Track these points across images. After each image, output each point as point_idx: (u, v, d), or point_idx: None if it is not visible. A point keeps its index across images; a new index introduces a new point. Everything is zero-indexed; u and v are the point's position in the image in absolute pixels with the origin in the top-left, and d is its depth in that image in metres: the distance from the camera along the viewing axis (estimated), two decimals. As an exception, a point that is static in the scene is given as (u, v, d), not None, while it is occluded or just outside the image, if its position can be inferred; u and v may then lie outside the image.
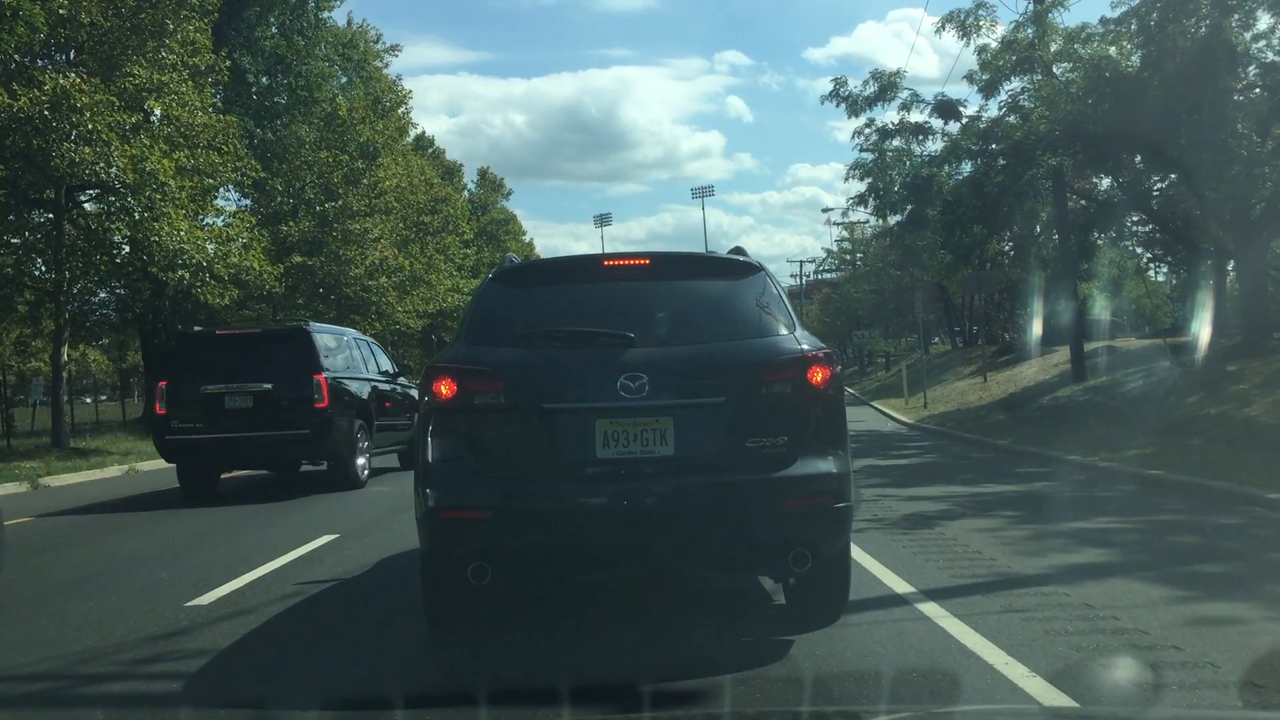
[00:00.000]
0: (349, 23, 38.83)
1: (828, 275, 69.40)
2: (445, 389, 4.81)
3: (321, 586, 6.84)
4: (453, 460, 4.81)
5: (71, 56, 22.70)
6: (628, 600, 6.05)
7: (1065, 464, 13.26)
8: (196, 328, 16.01)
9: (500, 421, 4.79)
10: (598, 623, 5.65)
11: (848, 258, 61.38)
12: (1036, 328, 28.69)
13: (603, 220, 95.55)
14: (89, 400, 63.70)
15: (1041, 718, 3.47)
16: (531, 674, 4.68)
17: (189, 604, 6.37)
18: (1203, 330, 21.90)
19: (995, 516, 9.10)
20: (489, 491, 4.73)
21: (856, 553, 7.11)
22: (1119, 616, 5.23)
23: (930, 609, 5.51)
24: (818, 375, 4.83)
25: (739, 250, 5.75)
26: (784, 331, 5.03)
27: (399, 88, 40.83)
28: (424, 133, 52.81)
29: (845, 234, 60.59)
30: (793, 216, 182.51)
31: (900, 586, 6.09)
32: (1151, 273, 52.67)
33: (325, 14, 34.72)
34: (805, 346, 4.92)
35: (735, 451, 4.71)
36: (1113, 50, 18.11)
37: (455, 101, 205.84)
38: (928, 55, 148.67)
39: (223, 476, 13.53)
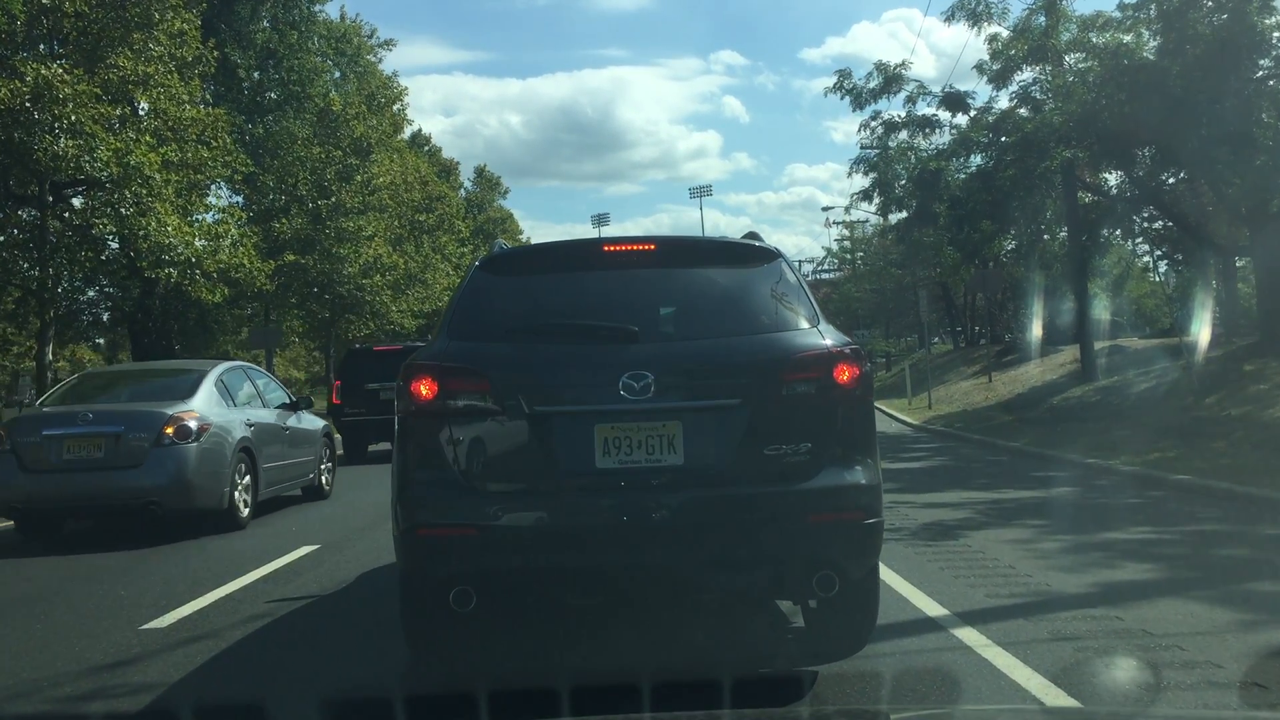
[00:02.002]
0: (342, 17, 38.18)
1: (827, 275, 68.88)
2: (424, 389, 4.25)
3: (295, 605, 6.25)
4: (433, 471, 4.24)
5: (55, 48, 22.11)
6: (628, 630, 5.46)
7: (1084, 468, 12.68)
8: (357, 345, 22.77)
9: (486, 427, 4.23)
10: (595, 650, 5.08)
11: (848, 257, 60.80)
12: (1039, 327, 28.18)
13: (600, 220, 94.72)
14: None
15: (1042, 717, 3.32)
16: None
17: (145, 626, 5.77)
18: (1210, 330, 21.39)
19: (1021, 526, 8.50)
20: (474, 506, 4.16)
21: (880, 569, 6.56)
22: (1184, 646, 4.65)
23: (969, 636, 4.92)
24: (844, 374, 4.27)
25: (754, 235, 5.16)
26: (805, 325, 4.46)
27: (394, 84, 40.20)
28: (420, 130, 52.20)
29: (845, 233, 60.03)
30: (789, 217, 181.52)
31: (932, 609, 5.50)
32: (1152, 273, 52.22)
33: (318, 7, 34.06)
34: (830, 342, 4.36)
35: (752, 461, 4.17)
36: (1128, 39, 17.52)
37: (450, 101, 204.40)
38: (925, 56, 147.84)
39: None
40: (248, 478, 10.02)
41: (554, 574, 4.23)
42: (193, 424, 9.32)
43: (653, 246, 4.75)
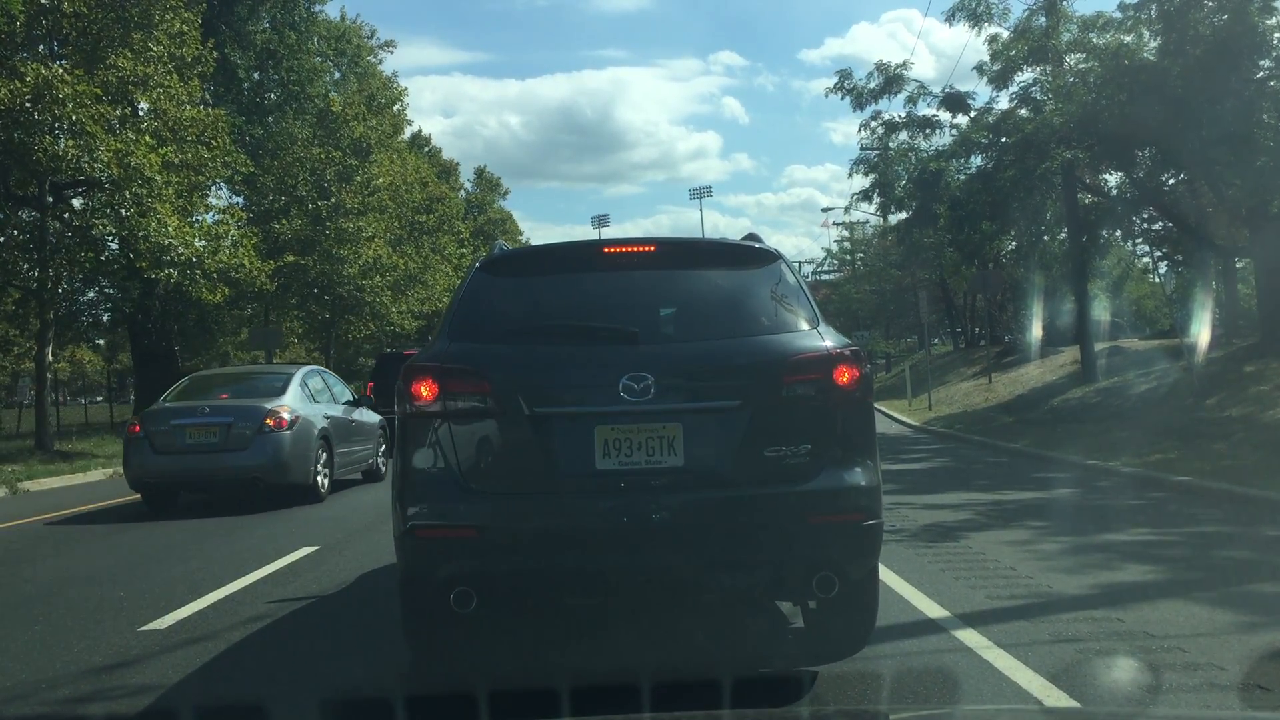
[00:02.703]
0: (342, 17, 38.17)
1: (826, 276, 68.80)
2: (425, 391, 4.26)
3: (294, 606, 6.23)
4: (433, 472, 4.24)
5: (55, 48, 22.09)
6: (628, 630, 5.45)
7: (1085, 469, 12.66)
8: (388, 350, 23.51)
9: (486, 428, 4.24)
10: (595, 650, 5.06)
11: (848, 258, 60.77)
12: (1039, 328, 28.16)
13: (600, 221, 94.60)
14: (83, 401, 63.04)
15: (1041, 717, 3.33)
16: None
17: (144, 628, 5.76)
18: (1210, 330, 21.39)
19: (1022, 527, 8.49)
20: (474, 507, 4.17)
21: (881, 571, 6.54)
22: (1185, 648, 4.63)
23: (970, 637, 4.90)
24: (844, 376, 4.28)
25: (754, 237, 5.17)
26: (805, 327, 4.47)
27: (394, 84, 40.20)
28: (420, 131, 52.18)
29: (845, 234, 60.02)
30: (789, 218, 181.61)
31: (933, 610, 5.48)
32: (1152, 274, 52.17)
33: (318, 7, 34.04)
34: (830, 344, 4.36)
35: (752, 462, 4.17)
36: (1129, 39, 17.51)
37: (449, 102, 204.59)
38: (924, 57, 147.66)
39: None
40: (326, 460, 12.17)
41: (554, 575, 4.22)
42: (286, 415, 11.57)
43: (653, 248, 4.76)
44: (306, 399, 12.36)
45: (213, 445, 11.32)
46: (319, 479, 11.88)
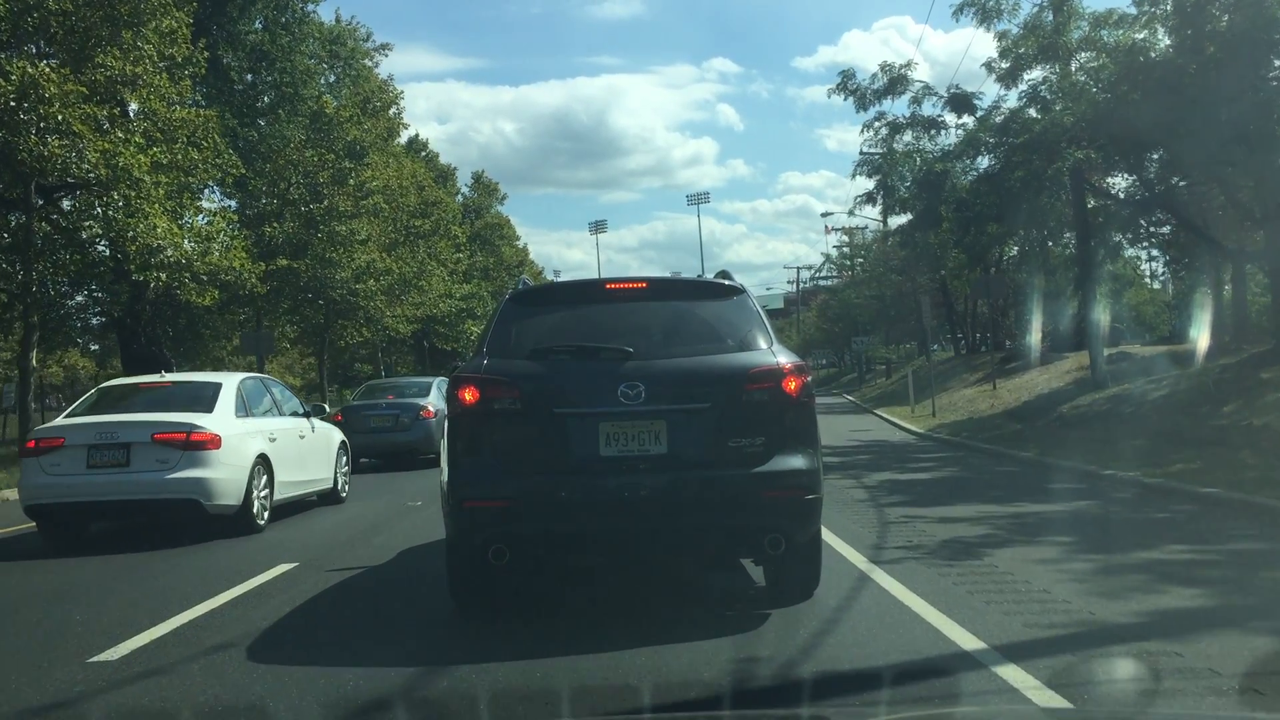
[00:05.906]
0: (337, 19, 37.60)
1: (825, 282, 68.37)
2: (469, 396, 5.41)
3: (262, 633, 5.68)
4: (475, 457, 5.43)
5: (42, 46, 21.58)
6: (628, 630, 4.94)
7: (1104, 479, 12.13)
8: (456, 365, 28.02)
9: (516, 424, 5.37)
10: (594, 649, 4.55)
11: (847, 263, 60.27)
12: (1041, 334, 27.71)
13: (598, 226, 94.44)
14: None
15: (1040, 718, 3.44)
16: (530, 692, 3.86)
17: (94, 659, 5.21)
18: (1206, 334, 20.99)
19: (1047, 543, 7.95)
20: (507, 484, 5.30)
21: (902, 593, 6.09)
22: (1262, 689, 4.11)
23: (1014, 675, 4.36)
24: (791, 384, 5.46)
25: (725, 274, 6.40)
26: (763, 345, 5.66)
27: (390, 88, 39.66)
28: (417, 135, 51.61)
29: (845, 239, 59.55)
30: (784, 224, 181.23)
31: (967, 641, 4.94)
32: (1159, 278, 51.83)
33: (311, 7, 33.43)
34: (781, 360, 5.54)
35: (720, 450, 5.32)
36: (1142, 35, 17.02)
37: (443, 109, 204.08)
38: (920, 63, 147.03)
39: None
40: None
41: (569, 536, 5.42)
42: (432, 409, 17.10)
43: (644, 284, 6.03)
44: (441, 398, 16.89)
45: (387, 428, 17.16)
46: None
